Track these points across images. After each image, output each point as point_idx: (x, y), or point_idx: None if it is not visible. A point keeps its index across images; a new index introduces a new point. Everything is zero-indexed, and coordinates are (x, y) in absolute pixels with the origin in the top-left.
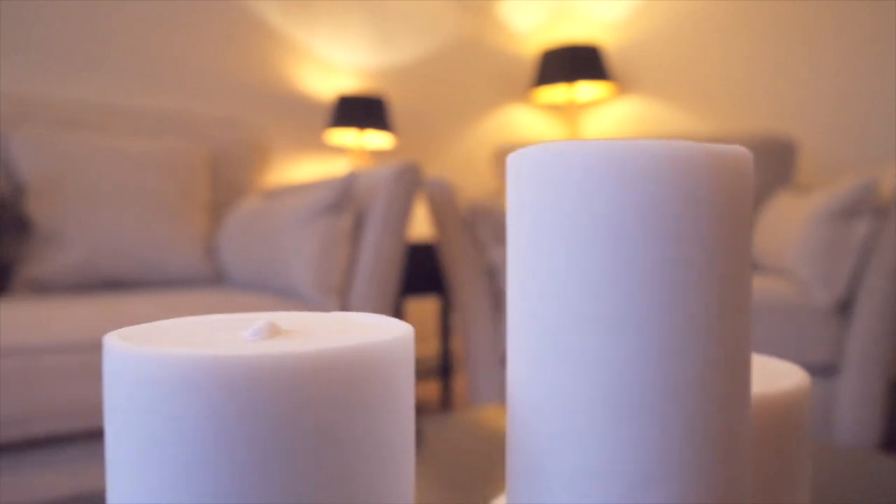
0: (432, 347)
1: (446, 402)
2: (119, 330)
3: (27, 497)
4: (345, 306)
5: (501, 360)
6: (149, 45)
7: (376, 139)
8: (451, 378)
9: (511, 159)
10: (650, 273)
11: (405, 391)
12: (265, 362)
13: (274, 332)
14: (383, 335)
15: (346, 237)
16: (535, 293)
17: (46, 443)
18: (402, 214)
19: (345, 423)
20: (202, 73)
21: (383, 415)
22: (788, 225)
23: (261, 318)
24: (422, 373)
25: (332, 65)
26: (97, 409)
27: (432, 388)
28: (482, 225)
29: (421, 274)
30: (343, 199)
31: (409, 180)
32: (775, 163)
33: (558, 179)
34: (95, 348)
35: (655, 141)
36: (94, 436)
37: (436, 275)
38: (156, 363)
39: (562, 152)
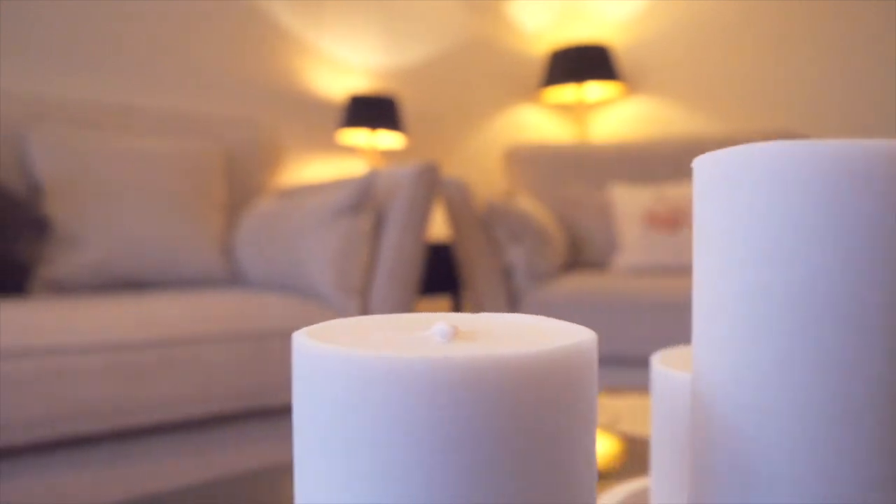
0: None
1: None
2: (305, 329)
3: (49, 499)
4: (365, 307)
5: None
6: (162, 45)
7: (388, 139)
8: None
9: (700, 162)
10: (877, 271)
11: (592, 395)
12: (473, 364)
13: (457, 333)
14: (572, 338)
15: (365, 237)
16: (740, 292)
17: (70, 444)
18: (422, 214)
19: (542, 427)
20: (215, 73)
21: (577, 419)
22: None
23: (439, 319)
24: None
25: (343, 65)
26: (120, 409)
27: None
28: (498, 225)
29: (432, 274)
30: (363, 199)
31: (429, 180)
32: None
33: (766, 181)
34: (117, 348)
35: (872, 140)
36: (118, 436)
37: (447, 274)
38: (362, 365)
39: (770, 155)
